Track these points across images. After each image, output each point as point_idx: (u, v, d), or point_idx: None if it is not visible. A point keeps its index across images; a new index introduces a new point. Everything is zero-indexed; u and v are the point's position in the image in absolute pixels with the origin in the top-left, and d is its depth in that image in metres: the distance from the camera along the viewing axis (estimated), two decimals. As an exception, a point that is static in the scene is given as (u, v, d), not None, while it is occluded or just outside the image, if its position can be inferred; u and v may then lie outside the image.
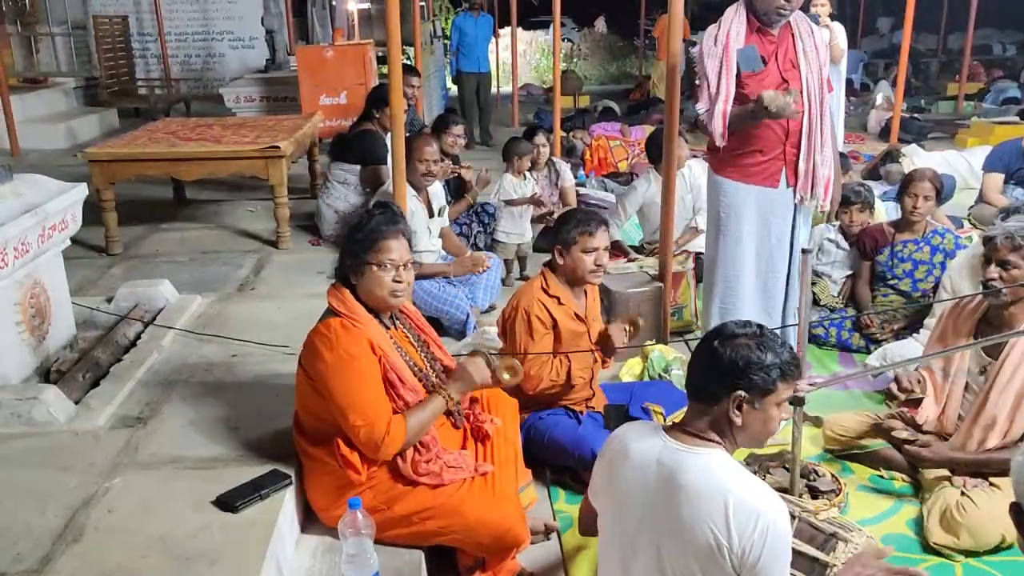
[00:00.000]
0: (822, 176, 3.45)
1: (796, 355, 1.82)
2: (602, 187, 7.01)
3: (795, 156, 3.43)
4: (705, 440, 1.81)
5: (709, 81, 3.36)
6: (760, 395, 1.76)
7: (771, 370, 1.75)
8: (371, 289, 2.34)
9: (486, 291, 4.55)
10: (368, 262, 2.32)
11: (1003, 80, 13.23)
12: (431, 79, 10.17)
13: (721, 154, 3.49)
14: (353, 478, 2.29)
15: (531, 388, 2.96)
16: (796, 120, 3.36)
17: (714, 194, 3.58)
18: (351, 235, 2.36)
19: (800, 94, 3.32)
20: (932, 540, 2.68)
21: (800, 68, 3.38)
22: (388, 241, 2.33)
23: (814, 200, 3.48)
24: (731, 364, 1.75)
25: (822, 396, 3.53)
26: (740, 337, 1.78)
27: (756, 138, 3.39)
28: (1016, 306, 2.72)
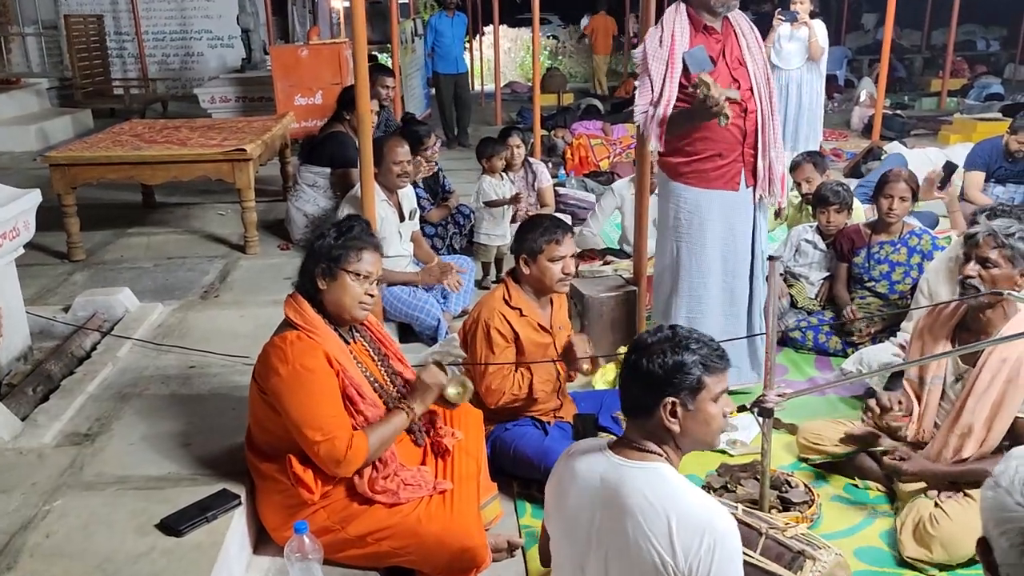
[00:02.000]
0: (778, 173, 3.38)
1: (717, 345, 1.76)
2: (582, 187, 6.92)
3: (753, 157, 3.36)
4: (647, 453, 1.75)
5: (653, 84, 3.26)
6: (690, 396, 1.71)
7: (692, 368, 1.70)
8: (340, 298, 2.26)
9: (459, 296, 4.47)
10: (344, 269, 2.25)
11: (986, 76, 13.23)
12: (412, 78, 10.06)
13: (678, 160, 3.39)
14: (305, 497, 2.21)
15: (492, 403, 2.89)
16: (751, 119, 3.29)
17: (671, 202, 3.46)
18: (325, 240, 2.26)
19: (750, 93, 3.26)
20: (905, 554, 2.61)
21: (747, 65, 3.31)
22: (368, 252, 2.29)
23: (772, 198, 3.42)
24: (652, 374, 1.71)
25: (798, 403, 3.44)
26: (654, 345, 1.73)
27: (715, 142, 3.31)
28: (993, 310, 2.65)
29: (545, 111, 8.95)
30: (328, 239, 2.27)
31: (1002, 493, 1.26)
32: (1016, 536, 1.23)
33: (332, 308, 2.28)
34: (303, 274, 2.30)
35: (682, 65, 3.24)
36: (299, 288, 2.31)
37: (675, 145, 3.34)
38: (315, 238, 2.34)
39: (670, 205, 3.47)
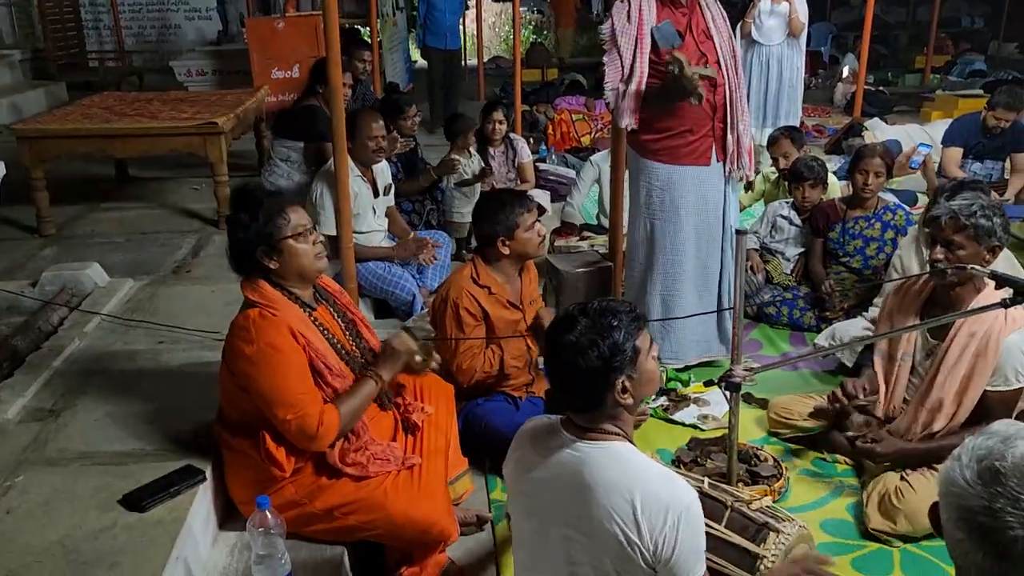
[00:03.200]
0: (746, 146, 3.38)
1: (629, 305, 1.74)
2: (563, 163, 6.89)
3: (722, 131, 3.35)
4: (604, 432, 1.74)
5: (623, 60, 3.23)
6: (632, 367, 1.70)
7: (625, 343, 1.68)
8: (297, 262, 2.23)
9: (435, 271, 4.44)
10: (284, 237, 2.21)
11: (971, 53, 13.21)
12: (393, 52, 9.93)
13: (649, 138, 3.37)
14: (276, 474, 2.20)
15: (465, 381, 2.88)
16: (720, 93, 3.27)
17: (643, 180, 3.44)
18: (246, 229, 2.19)
19: (717, 66, 3.24)
20: (870, 526, 2.64)
21: (713, 38, 3.29)
22: (289, 210, 2.24)
23: (741, 171, 3.41)
24: (593, 370, 1.67)
25: (771, 378, 3.48)
26: (581, 339, 1.67)
27: (685, 118, 3.29)
28: (962, 287, 2.65)
29: (529, 86, 8.85)
30: (247, 223, 2.19)
31: (956, 467, 1.26)
32: (954, 510, 1.23)
33: (295, 275, 2.25)
34: (247, 267, 2.24)
35: (651, 40, 3.22)
36: (249, 274, 2.26)
37: (645, 123, 3.32)
38: (230, 230, 2.24)
39: (641, 182, 3.45)
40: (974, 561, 1.22)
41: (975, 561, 1.22)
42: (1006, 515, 1.17)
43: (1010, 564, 1.18)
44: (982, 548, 1.19)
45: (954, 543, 1.25)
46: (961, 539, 1.22)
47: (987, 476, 1.20)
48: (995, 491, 1.18)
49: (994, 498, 1.18)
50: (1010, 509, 1.17)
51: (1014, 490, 1.17)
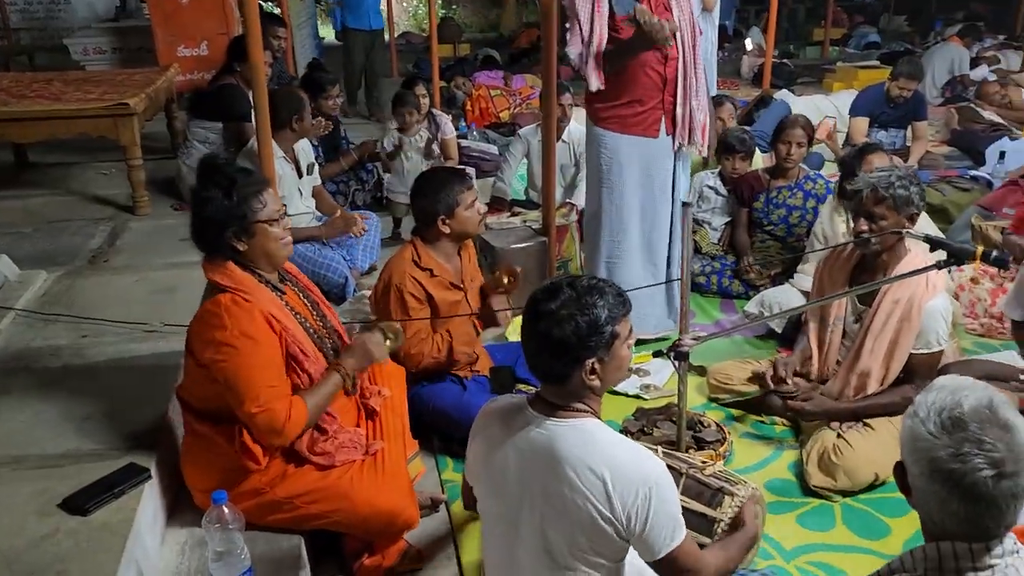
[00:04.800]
0: (699, 122, 3.43)
1: (617, 288, 1.74)
2: (484, 138, 6.85)
3: (672, 104, 3.39)
4: (572, 411, 1.74)
5: (581, 25, 3.26)
6: (606, 350, 1.69)
7: (605, 326, 1.67)
8: (266, 247, 2.16)
9: (365, 252, 4.37)
10: (259, 220, 2.13)
11: (864, 25, 13.76)
12: (301, 29, 9.63)
13: (600, 106, 3.41)
14: (252, 467, 2.13)
15: (412, 366, 2.84)
16: (672, 66, 3.30)
17: (595, 147, 3.50)
18: (216, 203, 2.09)
19: (673, 38, 3.27)
20: (812, 483, 2.75)
21: (672, 11, 3.32)
22: (265, 192, 2.17)
23: (692, 146, 3.46)
24: (566, 343, 1.65)
25: (706, 345, 3.54)
26: (561, 310, 1.66)
27: (634, 88, 3.32)
28: (888, 253, 2.77)
29: (442, 62, 8.72)
30: (219, 201, 2.10)
31: (918, 423, 1.32)
32: (925, 463, 1.29)
33: (261, 260, 2.17)
34: (210, 245, 2.14)
35: (608, 7, 3.23)
36: (213, 253, 2.16)
37: (599, 89, 3.35)
38: (198, 205, 2.15)
39: (592, 150, 3.50)
40: (949, 510, 1.28)
41: (950, 510, 1.28)
42: (973, 457, 1.24)
43: (983, 505, 1.25)
44: (956, 493, 1.26)
45: (928, 495, 1.31)
46: (935, 490, 1.29)
47: (950, 425, 1.28)
48: (960, 437, 1.26)
49: (960, 444, 1.26)
50: (976, 451, 1.25)
51: (976, 433, 1.26)
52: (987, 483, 1.24)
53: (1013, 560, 1.31)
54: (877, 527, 2.60)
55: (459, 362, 2.97)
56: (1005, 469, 1.24)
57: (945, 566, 1.31)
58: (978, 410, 1.28)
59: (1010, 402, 1.33)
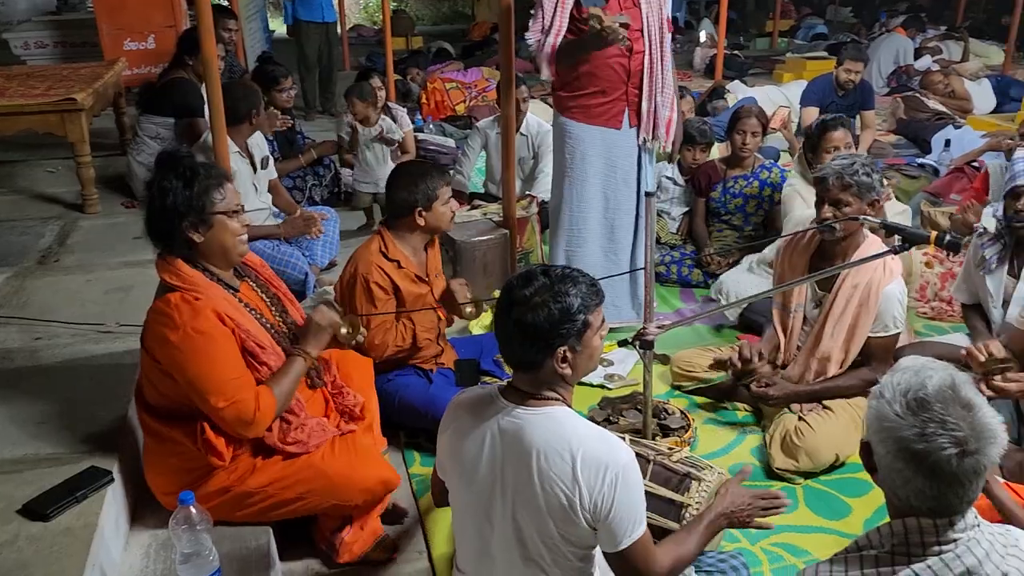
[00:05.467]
0: (663, 117, 3.45)
1: (591, 279, 1.76)
2: (440, 132, 6.82)
3: (637, 97, 3.41)
4: (543, 399, 1.75)
5: (544, 13, 3.28)
6: (578, 339, 1.71)
7: (577, 314, 1.69)
8: (223, 241, 2.12)
9: (325, 247, 4.33)
10: (217, 212, 2.10)
11: (811, 17, 14.01)
12: (251, 21, 9.46)
13: (565, 95, 3.43)
14: (216, 464, 2.10)
15: (377, 356, 2.82)
16: (637, 60, 3.33)
17: (559, 135, 3.52)
18: (175, 195, 2.06)
19: (640, 34, 3.29)
20: (775, 466, 2.80)
21: (640, 6, 3.34)
22: (226, 185, 2.15)
23: (656, 141, 3.49)
24: (539, 329, 1.67)
25: (669, 334, 3.58)
26: (534, 297, 1.68)
27: (599, 78, 3.34)
28: (847, 239, 2.83)
29: (395, 55, 8.65)
30: (177, 192, 2.07)
31: (883, 404, 1.36)
32: (892, 443, 1.33)
33: (217, 254, 2.14)
34: (165, 237, 2.10)
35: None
36: (165, 250, 2.12)
37: (563, 79, 3.38)
38: (156, 195, 2.09)
39: (557, 139, 3.53)
40: (914, 488, 1.32)
41: (915, 487, 1.32)
42: (937, 436, 1.28)
43: (947, 482, 1.29)
44: (920, 472, 1.30)
45: (894, 474, 1.35)
46: (901, 468, 1.32)
47: (914, 406, 1.31)
48: (924, 417, 1.30)
49: (925, 424, 1.29)
50: (940, 431, 1.29)
51: (940, 413, 1.29)
52: (951, 461, 1.28)
53: (974, 534, 1.35)
54: (839, 507, 2.66)
55: (423, 350, 2.96)
56: (968, 447, 1.28)
57: (911, 541, 1.35)
58: (941, 390, 1.32)
59: (971, 381, 1.37)
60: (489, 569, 1.84)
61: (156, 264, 2.12)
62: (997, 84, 7.69)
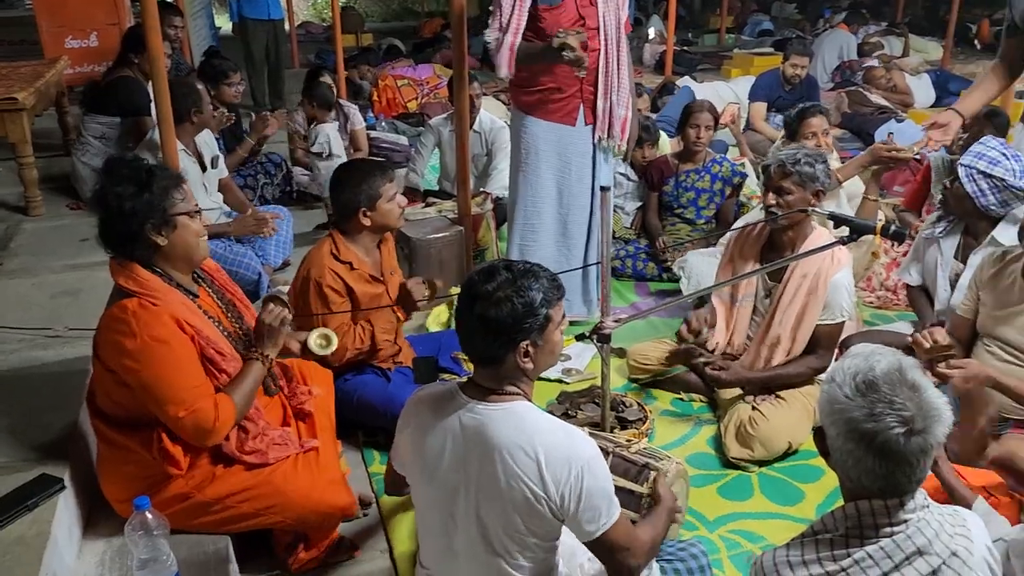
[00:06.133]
0: (619, 116, 3.48)
1: (551, 274, 1.78)
2: (393, 129, 6.79)
3: (592, 95, 3.44)
4: (504, 394, 1.76)
5: (502, 11, 3.28)
6: (540, 334, 1.72)
7: (540, 309, 1.70)
8: (186, 243, 2.10)
9: (278, 247, 4.28)
10: (179, 213, 2.07)
11: (757, 13, 14.24)
12: (196, 18, 9.30)
13: (522, 90, 3.45)
14: (173, 472, 2.07)
15: (336, 360, 2.79)
16: (593, 58, 3.35)
17: (516, 131, 3.54)
18: (135, 199, 2.02)
19: (596, 32, 3.32)
20: (730, 455, 2.86)
21: (597, 5, 3.36)
22: (184, 186, 2.12)
23: (612, 140, 3.52)
24: (501, 324, 1.68)
25: (624, 327, 3.62)
26: (497, 292, 1.69)
27: (554, 75, 3.36)
28: (794, 230, 2.89)
29: (345, 52, 8.57)
30: (138, 194, 2.02)
31: (834, 387, 1.40)
32: (842, 424, 1.37)
33: (180, 256, 2.11)
34: (126, 242, 2.06)
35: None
36: (123, 255, 2.08)
37: (520, 75, 3.39)
38: (112, 201, 2.04)
39: (515, 134, 3.54)
40: (865, 468, 1.36)
41: (866, 467, 1.36)
42: (886, 416, 1.33)
43: (894, 462, 1.34)
44: (871, 451, 1.34)
45: (845, 455, 1.39)
46: (851, 449, 1.36)
47: (864, 387, 1.37)
48: (873, 398, 1.35)
49: (874, 404, 1.35)
50: (889, 411, 1.34)
51: (888, 394, 1.35)
52: (899, 440, 1.32)
53: (924, 514, 1.40)
54: (792, 493, 2.73)
55: (382, 351, 2.95)
56: (915, 426, 1.33)
57: (864, 523, 1.39)
58: (889, 373, 1.37)
59: (917, 365, 1.42)
60: (453, 564, 1.84)
61: (111, 268, 2.07)
62: (936, 78, 7.92)
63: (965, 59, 10.18)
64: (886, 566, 1.36)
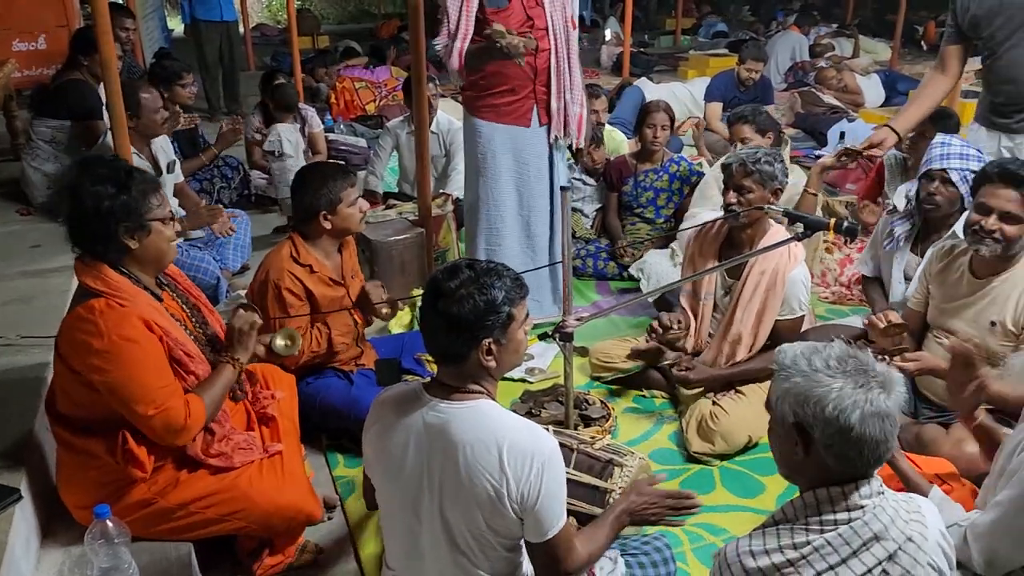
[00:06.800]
0: (573, 114, 3.51)
1: (514, 273, 1.79)
2: (351, 132, 6.75)
3: (546, 95, 3.46)
4: (468, 392, 1.77)
5: (449, 16, 3.28)
6: (503, 331, 1.74)
7: (502, 307, 1.72)
8: (158, 247, 2.08)
9: (236, 252, 4.24)
10: (156, 218, 2.05)
11: (712, 15, 14.46)
12: (148, 20, 9.15)
13: (474, 95, 3.45)
14: (136, 476, 2.04)
15: (293, 362, 2.77)
16: (544, 58, 3.37)
17: (470, 135, 3.54)
18: (111, 200, 1.98)
19: (544, 32, 3.33)
20: (692, 449, 2.90)
21: (544, 5, 3.38)
22: (160, 190, 2.11)
23: (568, 139, 3.55)
24: (464, 321, 1.69)
25: (587, 326, 3.65)
26: (460, 289, 1.70)
27: (506, 77, 3.38)
28: (753, 228, 2.95)
29: (301, 55, 8.50)
30: (115, 195, 2.00)
31: (809, 375, 1.43)
32: (838, 402, 1.40)
33: (150, 260, 2.09)
34: (98, 242, 2.03)
35: (479, 1, 3.27)
36: (92, 256, 2.04)
37: (472, 79, 3.39)
38: (87, 199, 2.01)
39: (470, 139, 3.54)
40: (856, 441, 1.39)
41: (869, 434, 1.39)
42: (871, 386, 1.40)
43: (888, 424, 1.40)
44: (865, 420, 1.38)
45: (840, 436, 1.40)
46: (846, 426, 1.39)
47: (838, 365, 1.43)
48: (849, 371, 1.41)
49: (856, 376, 1.40)
50: (869, 378, 1.41)
51: (860, 366, 1.42)
52: (886, 403, 1.38)
53: (880, 501, 1.44)
54: (753, 486, 2.78)
55: (340, 354, 2.93)
56: (889, 388, 1.40)
57: (823, 511, 1.43)
58: (847, 352, 1.45)
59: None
60: (419, 565, 1.84)
61: (76, 268, 2.04)
62: (886, 79, 8.11)
63: (912, 59, 10.46)
64: (845, 552, 1.40)
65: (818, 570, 1.40)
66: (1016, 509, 1.70)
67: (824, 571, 1.40)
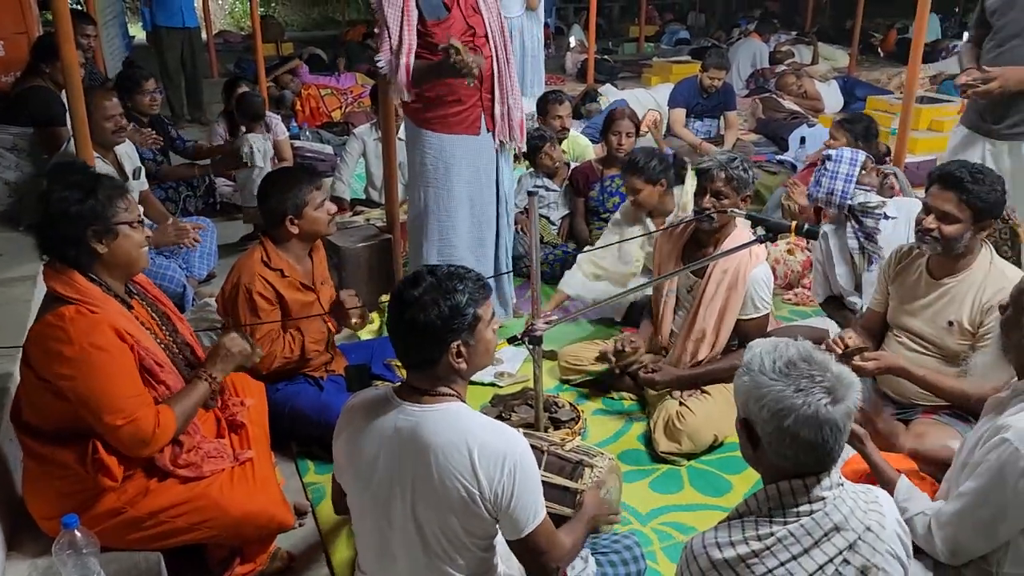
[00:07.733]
0: (516, 119, 3.54)
1: (476, 274, 1.82)
2: (317, 138, 6.74)
3: (490, 101, 3.47)
4: (438, 395, 1.79)
5: (390, 31, 3.24)
6: (471, 333, 1.77)
7: (467, 308, 1.74)
8: (128, 252, 2.08)
9: (202, 260, 4.21)
10: (122, 221, 2.05)
11: (674, 23, 14.63)
12: (108, 27, 9.05)
13: (421, 106, 3.41)
14: (106, 485, 2.02)
15: (265, 368, 2.77)
16: (487, 66, 3.38)
17: (418, 148, 3.48)
18: (79, 204, 1.99)
19: (484, 40, 3.36)
20: (659, 449, 2.94)
21: (482, 12, 3.39)
22: (128, 195, 2.11)
23: (513, 143, 3.57)
24: (431, 327, 1.72)
25: (555, 330, 3.68)
26: (423, 296, 1.73)
27: (454, 88, 3.35)
28: (721, 230, 3.01)
29: (265, 62, 8.44)
30: (83, 199, 2.00)
31: (755, 376, 1.48)
32: (773, 404, 1.44)
33: (120, 266, 2.08)
34: (66, 246, 2.02)
35: (418, 12, 3.25)
36: (62, 262, 2.03)
37: (417, 92, 3.36)
38: (56, 203, 2.02)
39: (417, 152, 3.49)
40: (799, 442, 1.43)
41: (801, 441, 1.43)
42: (812, 389, 1.42)
43: (828, 429, 1.42)
44: (804, 423, 1.42)
45: (779, 435, 1.45)
46: (786, 427, 1.43)
47: (785, 368, 1.46)
48: (795, 375, 1.46)
49: (798, 381, 1.45)
50: (812, 384, 1.44)
51: (807, 370, 1.45)
52: (827, 408, 1.42)
53: (839, 492, 1.49)
54: (720, 484, 2.82)
55: (313, 360, 2.93)
56: (837, 395, 1.43)
57: (785, 503, 1.47)
58: (800, 354, 1.48)
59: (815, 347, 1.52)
60: (391, 568, 1.85)
61: (45, 274, 2.03)
62: (844, 85, 8.28)
63: (870, 66, 10.67)
64: (807, 543, 1.44)
65: (781, 560, 1.44)
66: (978, 500, 1.77)
67: (787, 561, 1.44)
